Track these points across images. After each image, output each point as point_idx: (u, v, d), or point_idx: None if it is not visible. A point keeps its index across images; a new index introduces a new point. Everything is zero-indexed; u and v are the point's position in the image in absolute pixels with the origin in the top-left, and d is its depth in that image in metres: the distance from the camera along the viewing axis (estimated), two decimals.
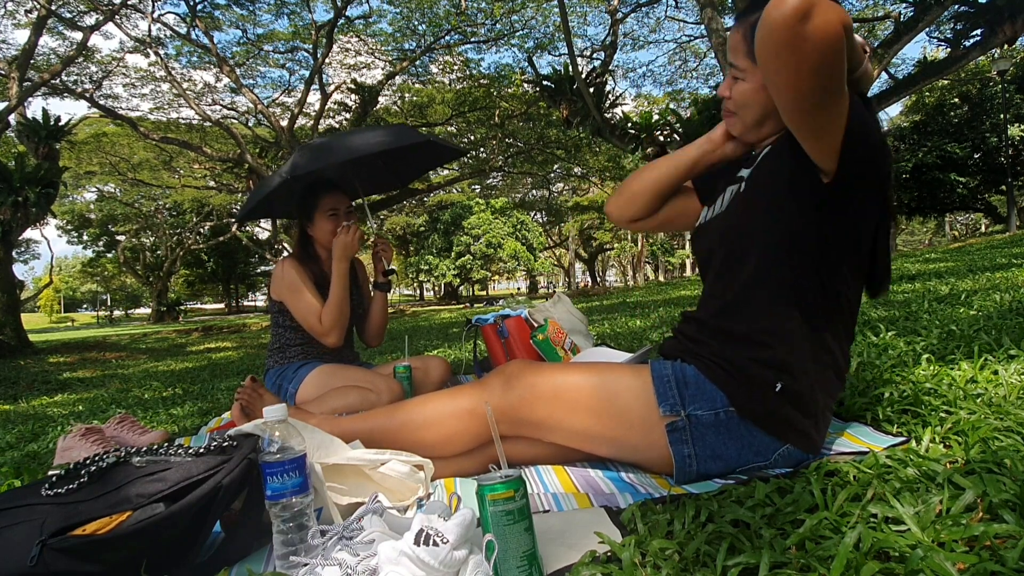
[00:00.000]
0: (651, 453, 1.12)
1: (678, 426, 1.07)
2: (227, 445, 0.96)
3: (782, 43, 0.86)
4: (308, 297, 2.02)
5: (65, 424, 2.74)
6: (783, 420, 1.04)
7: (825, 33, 0.84)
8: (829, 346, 1.06)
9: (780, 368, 1.04)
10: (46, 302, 45.14)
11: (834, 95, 0.91)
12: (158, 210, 26.85)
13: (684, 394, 1.08)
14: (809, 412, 1.05)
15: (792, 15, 0.83)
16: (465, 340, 2.59)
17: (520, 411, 1.14)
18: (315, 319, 2.01)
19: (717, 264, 1.15)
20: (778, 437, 1.05)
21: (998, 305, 2.40)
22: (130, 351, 10.04)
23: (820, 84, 0.89)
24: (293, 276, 2.03)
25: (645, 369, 1.13)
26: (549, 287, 43.47)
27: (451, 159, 2.77)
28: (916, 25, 8.25)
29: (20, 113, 9.78)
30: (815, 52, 0.85)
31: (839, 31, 0.85)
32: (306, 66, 15.02)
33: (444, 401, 1.23)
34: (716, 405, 1.06)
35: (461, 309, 18.54)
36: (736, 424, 1.06)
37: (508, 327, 2.20)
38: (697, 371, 1.09)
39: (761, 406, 1.04)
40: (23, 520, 0.86)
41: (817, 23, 0.83)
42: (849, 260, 1.04)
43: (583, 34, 15.37)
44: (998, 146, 14.89)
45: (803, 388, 1.04)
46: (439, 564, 0.70)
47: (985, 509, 0.78)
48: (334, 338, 2.02)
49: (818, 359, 1.05)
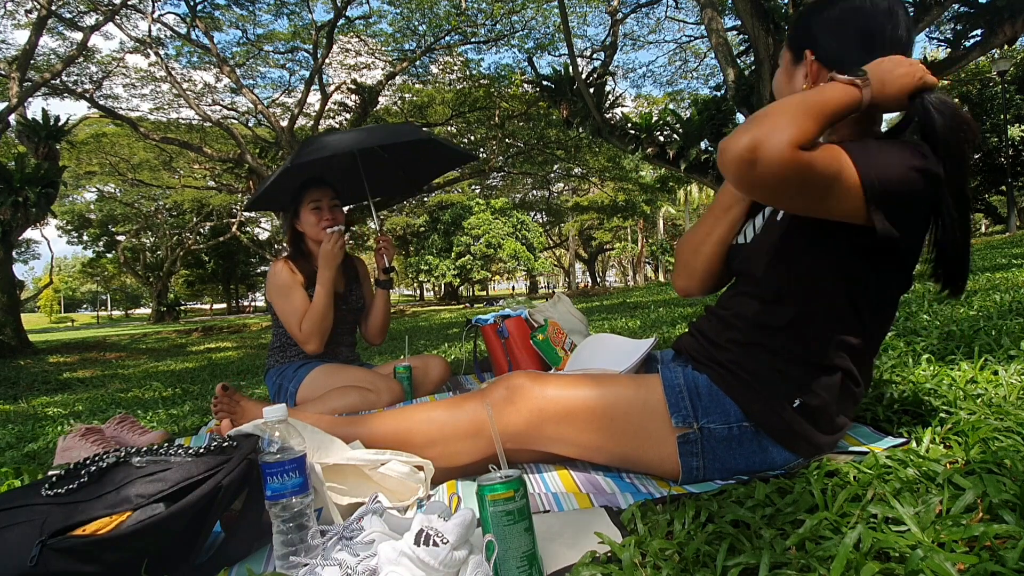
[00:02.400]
0: (662, 465, 1.09)
1: (690, 438, 1.05)
2: (227, 445, 0.96)
3: (746, 189, 0.88)
4: (294, 302, 2.00)
5: (65, 424, 2.75)
6: (797, 434, 1.02)
7: (779, 169, 0.82)
8: (853, 367, 1.03)
9: (800, 384, 1.02)
10: (46, 302, 45.17)
11: (824, 195, 0.88)
12: (158, 210, 26.84)
13: (697, 405, 1.05)
14: (824, 428, 1.04)
15: (737, 169, 0.84)
16: (465, 340, 2.60)
17: (528, 433, 1.11)
18: (296, 325, 1.99)
19: (746, 280, 1.13)
20: (792, 451, 1.04)
21: (998, 305, 2.40)
22: (130, 351, 10.05)
23: (801, 199, 0.89)
24: (282, 278, 2.02)
25: (656, 380, 1.10)
26: (549, 287, 43.47)
27: (461, 164, 2.79)
28: (916, 25, 8.25)
29: (20, 113, 9.78)
30: (779, 184, 0.84)
31: (792, 159, 0.82)
32: (306, 66, 15.03)
33: (446, 419, 1.17)
34: (730, 419, 1.04)
35: (461, 309, 18.54)
36: (749, 438, 1.03)
37: (508, 327, 2.20)
38: (710, 381, 1.06)
39: (778, 420, 1.02)
40: (23, 520, 0.86)
41: (764, 166, 0.82)
42: (895, 282, 1.01)
43: (583, 34, 15.40)
44: (998, 146, 14.89)
45: (820, 405, 1.02)
46: (439, 564, 0.70)
47: (985, 509, 0.78)
48: (313, 345, 2.00)
49: (840, 379, 1.03)
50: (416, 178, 2.67)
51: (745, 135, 0.83)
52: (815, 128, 0.86)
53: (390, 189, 2.75)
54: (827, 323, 1.01)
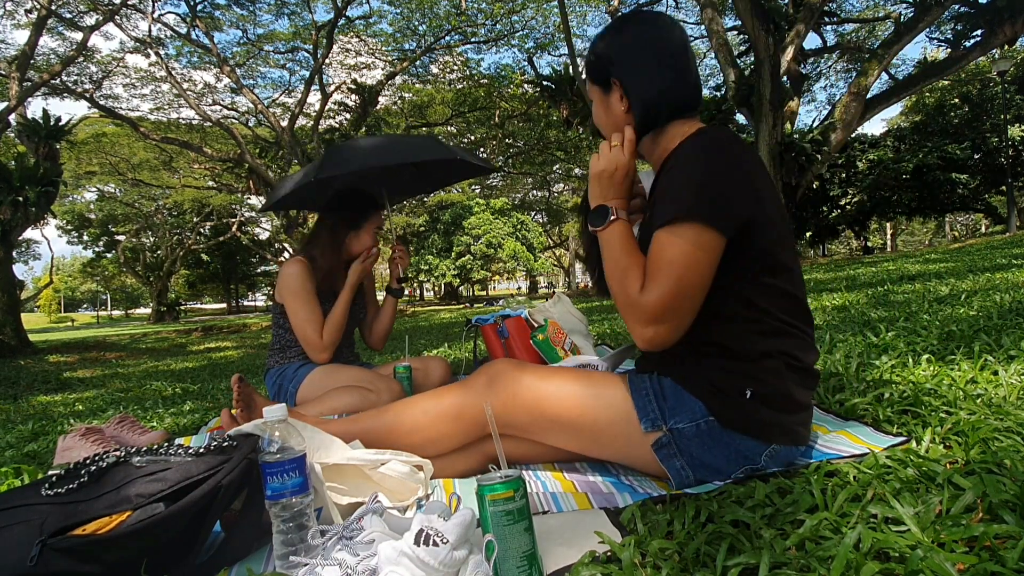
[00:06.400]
0: (641, 463, 1.13)
1: (663, 442, 1.07)
2: (227, 445, 0.96)
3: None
4: (312, 308, 1.99)
5: (65, 424, 2.74)
6: (762, 422, 1.04)
7: (677, 329, 1.01)
8: (787, 347, 1.06)
9: (741, 375, 1.04)
10: (46, 302, 45.19)
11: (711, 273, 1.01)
12: (158, 210, 26.85)
13: (664, 407, 1.07)
14: (785, 409, 1.05)
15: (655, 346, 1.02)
16: (465, 340, 2.60)
17: (503, 415, 1.14)
18: (314, 331, 1.98)
19: None
20: (762, 439, 1.05)
21: (998, 305, 2.40)
22: (130, 351, 10.05)
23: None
24: (301, 281, 2.00)
25: (623, 383, 1.13)
26: (549, 287, 43.48)
27: (480, 174, 2.85)
28: (916, 25, 8.27)
29: (20, 113, 9.79)
30: (689, 314, 1.01)
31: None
32: (306, 66, 15.05)
33: (429, 404, 1.23)
34: (696, 416, 1.06)
35: (461, 309, 18.53)
36: (718, 432, 1.05)
37: (508, 327, 2.20)
38: (674, 383, 1.09)
39: (737, 413, 1.04)
40: (23, 520, 0.86)
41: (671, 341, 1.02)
42: (763, 263, 1.04)
43: (583, 34, 15.37)
44: (998, 146, 14.89)
45: (772, 389, 1.04)
46: (439, 564, 0.70)
47: (985, 509, 0.78)
48: (328, 355, 2.02)
49: (783, 362, 1.05)
50: (430, 185, 2.73)
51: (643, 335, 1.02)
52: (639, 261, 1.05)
53: (402, 193, 2.80)
54: (740, 321, 1.05)
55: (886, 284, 4.30)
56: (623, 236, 1.09)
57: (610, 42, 1.16)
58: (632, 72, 1.14)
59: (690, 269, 0.98)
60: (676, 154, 1.07)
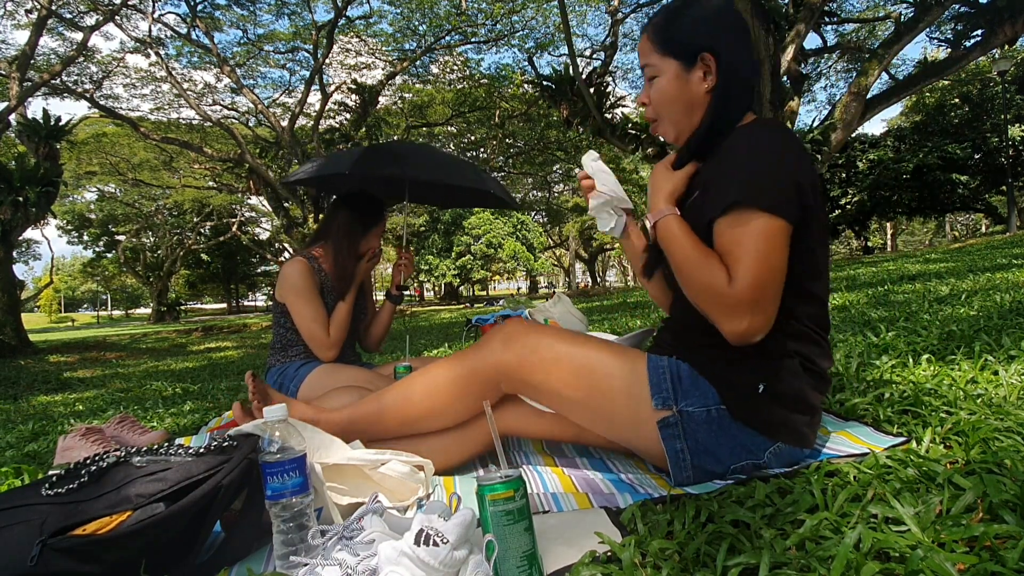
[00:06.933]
0: (642, 443, 1.11)
1: (670, 422, 1.06)
2: (227, 445, 0.96)
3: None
4: (317, 306, 1.99)
5: (65, 424, 2.74)
6: (770, 419, 1.04)
7: (766, 320, 0.98)
8: (807, 350, 1.06)
9: (757, 370, 1.04)
10: (46, 302, 45.19)
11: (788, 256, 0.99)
12: (158, 210, 26.85)
13: (677, 388, 1.07)
14: (796, 409, 1.05)
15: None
16: (465, 340, 2.60)
17: (519, 371, 1.13)
18: (320, 329, 1.99)
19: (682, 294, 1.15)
20: (768, 435, 1.05)
21: (998, 305, 2.40)
22: (130, 351, 10.05)
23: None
24: (305, 279, 2.00)
25: (643, 357, 1.12)
26: (549, 287, 43.47)
27: (497, 207, 2.96)
28: (916, 25, 8.26)
29: (20, 113, 9.78)
30: (771, 304, 0.97)
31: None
32: (306, 66, 15.04)
33: (441, 368, 1.22)
34: (708, 402, 1.06)
35: (461, 309, 18.54)
36: (727, 423, 1.05)
37: None
38: (691, 368, 1.09)
39: (748, 406, 1.04)
40: (23, 520, 0.86)
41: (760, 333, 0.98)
42: (803, 266, 1.02)
43: (583, 34, 15.38)
44: (999, 146, 14.89)
45: (785, 387, 1.04)
46: (439, 564, 0.70)
47: (985, 509, 0.78)
48: (335, 352, 2.03)
49: (799, 363, 1.05)
50: (451, 203, 2.87)
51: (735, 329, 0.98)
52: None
53: (420, 201, 2.90)
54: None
55: (886, 284, 4.30)
56: (683, 226, 1.05)
57: (707, 9, 1.05)
58: (732, 51, 1.04)
59: (772, 254, 0.95)
60: (736, 141, 1.03)
